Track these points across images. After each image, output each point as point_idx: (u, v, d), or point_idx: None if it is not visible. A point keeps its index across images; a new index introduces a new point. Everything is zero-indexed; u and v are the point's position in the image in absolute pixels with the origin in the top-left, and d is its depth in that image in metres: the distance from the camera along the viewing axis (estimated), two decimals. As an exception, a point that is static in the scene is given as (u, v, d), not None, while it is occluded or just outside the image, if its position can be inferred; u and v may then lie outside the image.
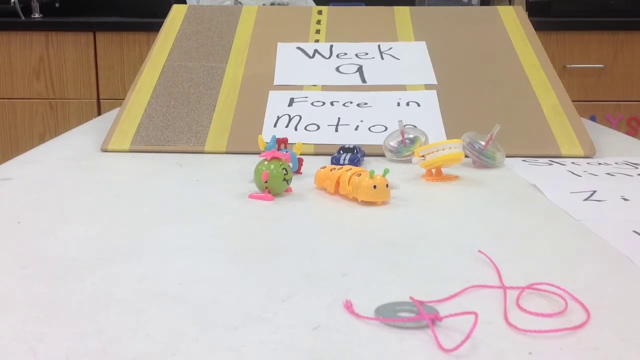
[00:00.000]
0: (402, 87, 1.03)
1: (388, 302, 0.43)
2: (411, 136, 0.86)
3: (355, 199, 0.67)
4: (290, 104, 0.99)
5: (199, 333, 0.39)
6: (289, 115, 0.96)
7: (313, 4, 2.07)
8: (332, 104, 0.99)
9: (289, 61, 1.10)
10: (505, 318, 0.40)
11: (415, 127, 0.91)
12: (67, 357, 0.36)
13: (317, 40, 1.16)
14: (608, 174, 0.78)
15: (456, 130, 0.91)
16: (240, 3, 2.02)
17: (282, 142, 0.82)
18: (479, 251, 0.52)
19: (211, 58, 1.10)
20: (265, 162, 0.67)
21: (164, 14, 1.26)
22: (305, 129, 0.93)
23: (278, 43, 1.15)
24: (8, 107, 2.20)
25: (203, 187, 0.73)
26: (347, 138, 0.91)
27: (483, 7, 1.28)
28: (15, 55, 2.18)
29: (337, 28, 1.20)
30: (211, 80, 1.05)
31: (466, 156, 0.81)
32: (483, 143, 0.82)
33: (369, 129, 0.93)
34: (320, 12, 1.24)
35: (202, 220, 0.61)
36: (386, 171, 0.66)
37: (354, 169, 0.68)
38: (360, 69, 1.08)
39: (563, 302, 0.43)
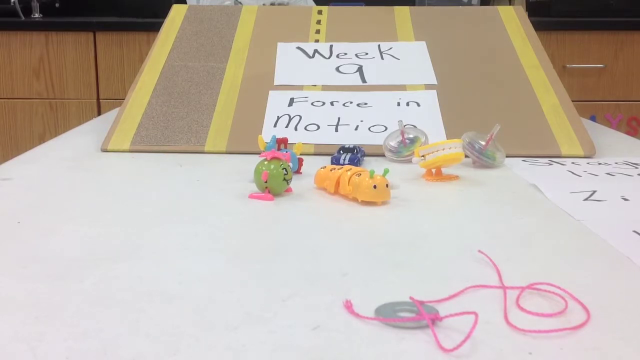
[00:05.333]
0: (402, 87, 1.03)
1: (388, 302, 0.43)
2: (411, 136, 0.86)
3: (355, 199, 0.67)
4: (290, 104, 0.99)
5: (199, 333, 0.39)
6: (289, 115, 0.96)
7: (313, 4, 2.07)
8: (332, 104, 0.99)
9: (289, 61, 1.10)
10: (505, 318, 0.40)
11: (415, 127, 0.91)
12: (67, 357, 0.36)
13: (317, 40, 1.16)
14: (608, 174, 0.78)
15: (456, 130, 0.91)
16: (240, 3, 2.02)
17: (282, 142, 0.82)
18: (479, 251, 0.52)
19: (211, 58, 1.10)
20: (265, 162, 0.67)
21: (164, 14, 1.26)
22: (305, 129, 0.93)
23: (278, 43, 1.15)
24: (8, 107, 2.20)
25: (203, 187, 0.73)
26: (347, 138, 0.91)
27: (483, 7, 1.28)
28: (15, 55, 2.18)
29: (337, 28, 1.20)
30: (211, 80, 1.05)
31: (466, 156, 0.81)
32: (483, 143, 0.82)
33: (369, 129, 0.93)
34: (320, 12, 1.24)
35: (202, 220, 0.61)
36: (386, 171, 0.66)
37: (354, 169, 0.68)
38: (360, 69, 1.08)
39: (563, 302, 0.43)
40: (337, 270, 0.49)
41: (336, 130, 0.93)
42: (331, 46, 1.15)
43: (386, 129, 0.92)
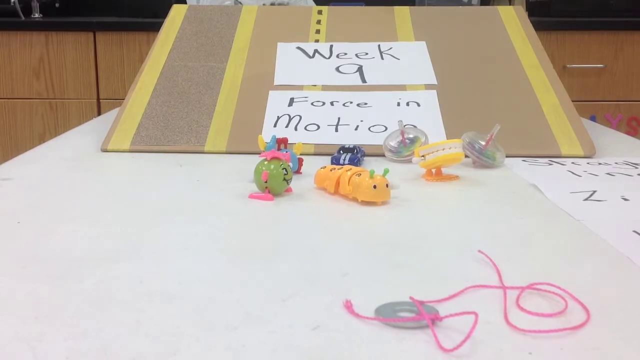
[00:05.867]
0: (402, 87, 1.03)
1: (388, 302, 0.43)
2: (411, 136, 0.86)
3: (355, 199, 0.67)
4: (290, 104, 0.99)
5: (199, 333, 0.39)
6: (289, 115, 0.96)
7: (313, 4, 2.07)
8: (332, 104, 0.99)
9: (289, 61, 1.10)
10: (505, 318, 0.40)
11: (415, 127, 0.91)
12: (67, 357, 0.36)
13: (317, 40, 1.16)
14: (608, 174, 0.78)
15: (456, 130, 0.91)
16: (240, 3, 2.02)
17: (282, 142, 0.82)
18: (479, 251, 0.52)
19: (211, 58, 1.10)
20: (265, 162, 0.67)
21: (164, 14, 1.26)
22: (305, 129, 0.93)
23: (278, 43, 1.15)
24: (8, 107, 2.20)
25: (203, 187, 0.73)
26: (347, 138, 0.91)
27: (483, 7, 1.28)
28: (15, 55, 2.18)
29: (337, 28, 1.20)
30: (211, 80, 1.05)
31: (466, 156, 0.81)
32: (483, 143, 0.82)
33: (369, 129, 0.93)
34: (320, 12, 1.24)
35: (202, 220, 0.61)
36: (386, 171, 0.66)
37: (354, 169, 0.68)
38: (360, 69, 1.08)
39: (563, 302, 0.43)
40: (337, 270, 0.49)
41: (336, 130, 0.93)
42: (331, 46, 1.15)
43: (386, 129, 0.92)
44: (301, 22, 1.21)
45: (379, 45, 1.15)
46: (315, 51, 1.13)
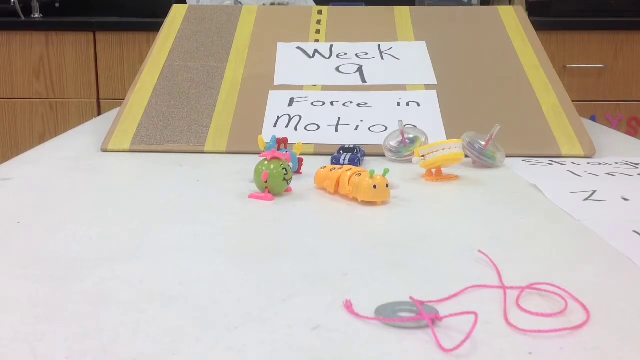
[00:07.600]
0: (402, 87, 1.03)
1: (388, 302, 0.43)
2: (411, 136, 0.86)
3: (355, 199, 0.67)
4: (290, 104, 0.99)
5: (199, 333, 0.39)
6: (289, 115, 0.96)
7: (313, 4, 2.07)
8: (332, 104, 0.99)
9: (289, 61, 1.10)
10: (505, 318, 0.40)
11: (415, 127, 0.91)
12: (67, 357, 0.36)
13: (317, 40, 1.16)
14: (608, 174, 0.78)
15: (456, 130, 0.91)
16: (240, 3, 2.02)
17: (282, 142, 0.82)
18: (479, 251, 0.52)
19: (211, 58, 1.10)
20: (265, 162, 0.67)
21: (164, 14, 1.26)
22: (305, 129, 0.93)
23: (278, 43, 1.15)
24: (8, 107, 2.20)
25: (203, 187, 0.73)
26: (347, 138, 0.91)
27: (483, 7, 1.28)
28: (15, 55, 2.18)
29: (337, 28, 1.20)
30: (211, 80, 1.05)
31: (466, 156, 0.81)
32: (483, 143, 0.82)
33: (369, 129, 0.93)
34: (320, 12, 1.24)
35: (202, 220, 0.61)
36: (386, 171, 0.66)
37: (354, 169, 0.68)
38: (360, 69, 1.08)
39: (563, 302, 0.43)
40: (337, 270, 0.49)
41: (336, 130, 0.93)
42: (331, 46, 1.15)
43: (386, 129, 0.92)
44: (301, 22, 1.21)
45: (379, 45, 1.15)
46: (315, 51, 1.13)
